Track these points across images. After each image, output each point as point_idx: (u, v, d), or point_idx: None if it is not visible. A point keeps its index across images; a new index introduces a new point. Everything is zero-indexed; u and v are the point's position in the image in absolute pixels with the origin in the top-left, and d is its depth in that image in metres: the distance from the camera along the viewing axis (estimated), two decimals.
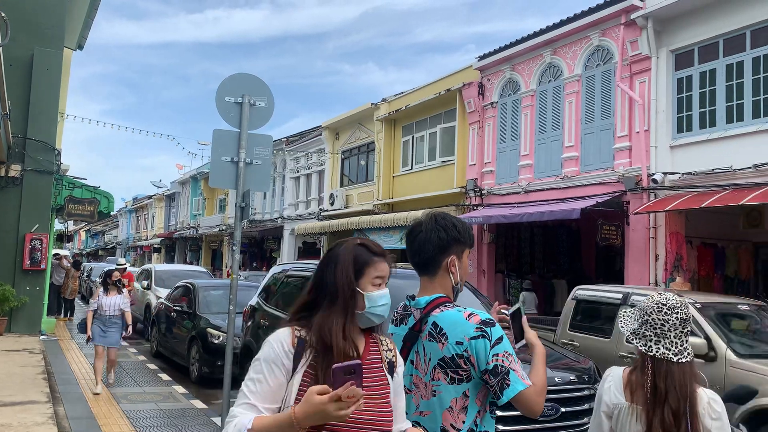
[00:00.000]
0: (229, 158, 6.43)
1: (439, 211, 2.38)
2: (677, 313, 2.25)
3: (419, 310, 2.20)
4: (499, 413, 4.52)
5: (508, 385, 2.01)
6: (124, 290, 9.29)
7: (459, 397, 2.08)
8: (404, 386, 2.07)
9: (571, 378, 5.05)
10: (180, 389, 9.13)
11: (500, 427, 4.32)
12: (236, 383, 7.22)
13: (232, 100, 6.48)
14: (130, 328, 9.14)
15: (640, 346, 2.28)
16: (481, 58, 17.11)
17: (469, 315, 2.09)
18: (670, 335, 2.23)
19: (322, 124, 25.31)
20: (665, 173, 12.14)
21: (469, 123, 17.39)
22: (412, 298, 2.28)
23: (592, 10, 13.87)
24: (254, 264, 30.69)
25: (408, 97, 20.36)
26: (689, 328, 2.28)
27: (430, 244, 2.23)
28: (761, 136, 10.66)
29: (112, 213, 23.49)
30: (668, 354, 2.22)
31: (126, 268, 18.01)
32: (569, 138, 14.42)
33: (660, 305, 2.27)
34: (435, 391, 2.11)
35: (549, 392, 4.12)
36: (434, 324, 2.13)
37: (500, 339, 2.06)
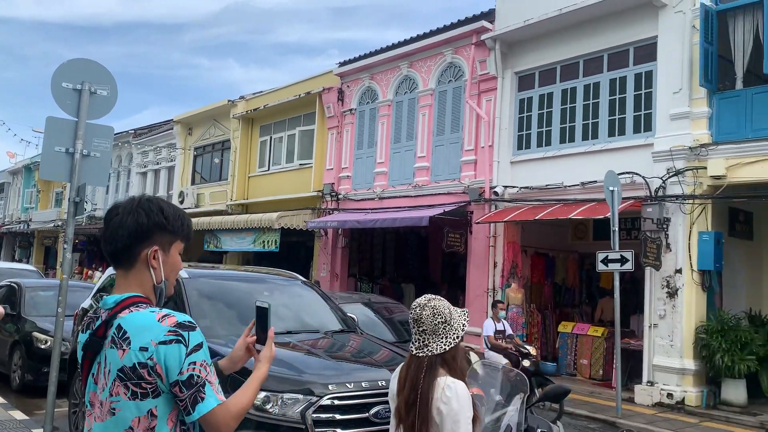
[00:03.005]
0: (63, 149, 5.95)
1: (149, 195, 2.00)
2: (412, 314, 2.50)
3: (107, 311, 1.82)
4: (339, 417, 4.58)
5: (203, 399, 1.73)
6: None
7: (143, 416, 1.73)
8: (86, 406, 1.83)
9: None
10: None
11: (338, 430, 4.36)
12: (63, 391, 6.70)
13: (71, 86, 6.01)
14: None
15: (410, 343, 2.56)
16: (342, 64, 17.31)
17: (164, 316, 1.75)
18: (412, 332, 2.50)
19: (175, 118, 24.20)
20: (505, 186, 13.03)
21: (328, 127, 17.51)
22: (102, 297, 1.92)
23: (446, 28, 14.57)
24: (93, 264, 28.59)
25: (267, 97, 20.08)
26: (427, 329, 2.45)
27: (124, 230, 1.83)
28: (589, 157, 11.78)
29: None
30: (411, 347, 2.49)
31: None
32: (422, 149, 15.01)
33: (411, 307, 2.54)
34: (114, 410, 1.74)
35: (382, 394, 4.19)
36: (119, 327, 1.76)
37: (200, 346, 1.76)
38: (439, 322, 2.47)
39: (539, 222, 12.03)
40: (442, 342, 2.46)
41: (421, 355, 2.44)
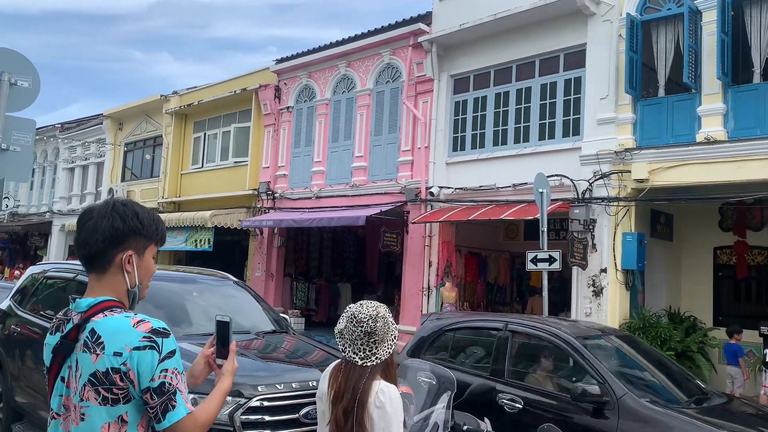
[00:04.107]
0: None
1: (123, 198, 2.02)
2: (362, 326, 2.42)
3: (80, 314, 1.81)
4: (268, 418, 4.55)
5: (174, 407, 1.73)
6: None
7: (113, 422, 1.73)
8: (52, 410, 1.84)
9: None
10: None
11: (268, 431, 4.32)
12: None
13: None
14: None
15: (339, 346, 2.50)
16: (279, 61, 17.14)
17: (138, 322, 1.76)
18: (357, 343, 2.44)
19: (105, 113, 23.38)
20: (441, 187, 13.22)
21: (265, 125, 17.30)
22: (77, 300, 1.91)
23: (384, 29, 14.65)
24: (16, 264, 27.24)
25: (201, 93, 19.65)
26: (378, 338, 2.43)
27: (98, 234, 1.84)
28: (520, 159, 12.09)
29: None
30: (355, 358, 2.43)
31: None
32: (359, 148, 15.04)
33: (352, 316, 2.46)
34: (83, 415, 1.74)
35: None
36: (92, 331, 1.75)
37: (173, 353, 1.76)
38: (387, 331, 2.48)
39: (473, 222, 12.28)
40: (386, 347, 2.48)
41: (368, 364, 2.42)
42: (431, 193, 13.25)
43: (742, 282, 11.94)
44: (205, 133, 19.49)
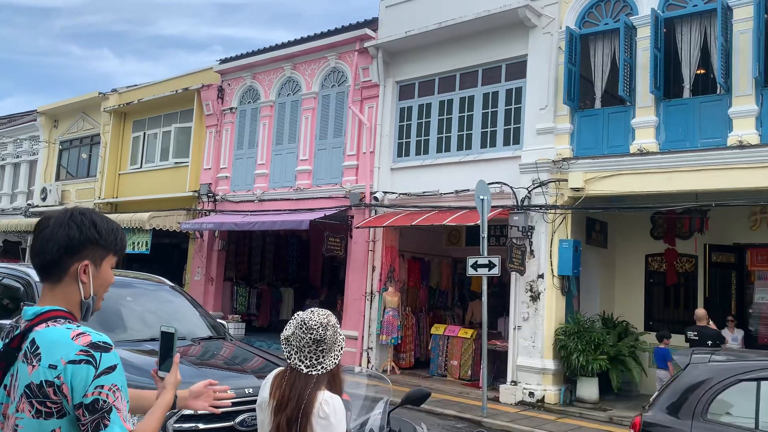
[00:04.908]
0: None
1: (83, 207, 1.96)
2: (312, 333, 2.37)
3: (26, 322, 1.78)
4: (202, 426, 4.47)
5: (106, 425, 1.67)
6: None
7: None
8: None
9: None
10: None
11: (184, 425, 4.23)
12: None
13: None
14: None
15: (285, 353, 2.45)
16: (223, 61, 16.89)
17: (79, 334, 1.69)
18: (305, 350, 2.39)
19: (39, 109, 22.47)
20: (385, 192, 13.28)
21: (207, 126, 16.99)
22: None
23: (330, 33, 14.63)
24: None
25: (142, 91, 19.15)
26: (327, 347, 2.39)
27: (54, 243, 1.80)
28: (463, 166, 12.27)
29: None
30: (300, 366, 2.39)
31: None
32: (304, 152, 14.95)
33: (301, 323, 2.41)
34: (17, 426, 1.70)
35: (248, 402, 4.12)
36: (32, 341, 1.71)
37: (112, 368, 1.69)
38: (336, 341, 2.44)
39: (416, 227, 12.39)
40: (333, 357, 2.44)
41: (313, 373, 2.37)
42: (375, 198, 13.29)
43: (671, 288, 12.46)
44: (145, 133, 18.98)
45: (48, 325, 1.74)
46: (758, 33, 9.28)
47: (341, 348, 2.49)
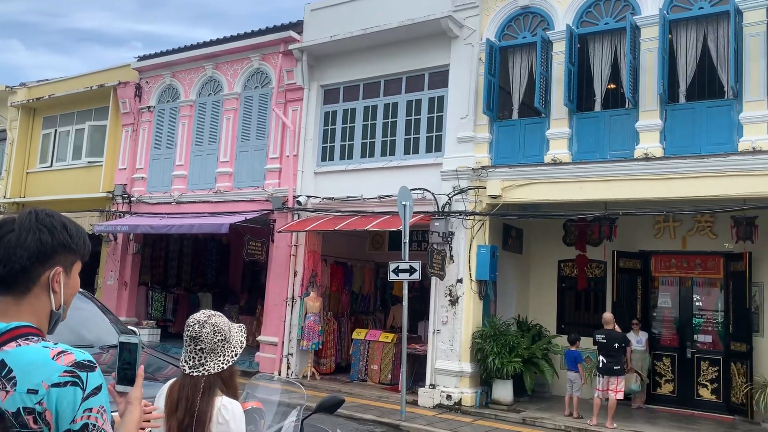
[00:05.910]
0: None
1: (45, 208, 1.74)
2: (188, 330, 2.40)
3: None
4: None
5: None
6: None
7: None
8: None
9: None
10: None
11: None
12: None
13: None
14: None
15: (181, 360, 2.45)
16: (141, 59, 16.33)
17: (59, 353, 1.51)
18: (187, 349, 2.41)
19: None
20: (309, 196, 13.21)
21: (123, 124, 16.37)
22: None
23: (254, 33, 14.43)
24: None
25: (54, 86, 18.24)
26: (206, 347, 2.38)
27: (23, 250, 1.59)
28: (386, 172, 12.38)
29: None
30: (184, 366, 2.39)
31: None
32: (225, 153, 14.65)
33: (188, 324, 2.43)
34: None
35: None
36: (2, 364, 1.49)
37: (98, 389, 1.53)
38: (218, 340, 2.40)
39: (339, 232, 12.38)
40: (220, 360, 2.40)
41: (196, 374, 2.35)
42: (298, 202, 13.19)
43: (582, 293, 13.01)
44: (56, 130, 18.08)
45: (19, 344, 1.53)
46: (663, 52, 9.87)
47: (234, 354, 2.46)
